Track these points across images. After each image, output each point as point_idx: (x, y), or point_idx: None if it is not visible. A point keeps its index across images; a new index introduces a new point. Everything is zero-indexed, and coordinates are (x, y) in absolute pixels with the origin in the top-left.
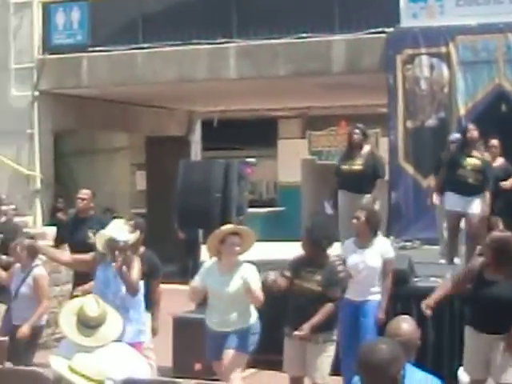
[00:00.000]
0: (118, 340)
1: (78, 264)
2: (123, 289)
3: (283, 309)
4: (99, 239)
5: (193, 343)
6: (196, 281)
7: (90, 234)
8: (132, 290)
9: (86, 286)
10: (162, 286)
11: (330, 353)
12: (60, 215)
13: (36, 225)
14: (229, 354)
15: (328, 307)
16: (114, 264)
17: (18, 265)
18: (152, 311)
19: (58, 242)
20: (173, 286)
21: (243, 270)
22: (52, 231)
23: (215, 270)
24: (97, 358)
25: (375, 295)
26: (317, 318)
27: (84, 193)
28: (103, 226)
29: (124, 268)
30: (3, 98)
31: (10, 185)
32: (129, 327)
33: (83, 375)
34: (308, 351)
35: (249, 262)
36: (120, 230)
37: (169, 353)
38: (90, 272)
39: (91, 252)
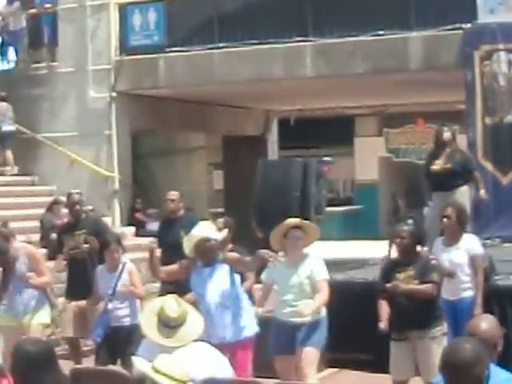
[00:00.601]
0: (204, 340)
1: (172, 276)
2: (221, 286)
3: (364, 307)
4: (188, 242)
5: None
6: (263, 276)
7: (182, 234)
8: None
9: (189, 296)
10: None
11: (441, 349)
12: (138, 215)
13: (115, 225)
14: (304, 350)
15: (427, 286)
16: (206, 268)
17: (100, 267)
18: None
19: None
20: None
21: (309, 261)
22: (131, 231)
23: (282, 263)
24: (179, 358)
25: (468, 291)
26: (415, 287)
27: (172, 194)
28: (194, 224)
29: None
30: (82, 99)
31: (89, 186)
32: (231, 325)
33: (167, 375)
34: (419, 351)
35: (328, 261)
36: (209, 230)
37: None
38: (185, 279)
39: (182, 251)
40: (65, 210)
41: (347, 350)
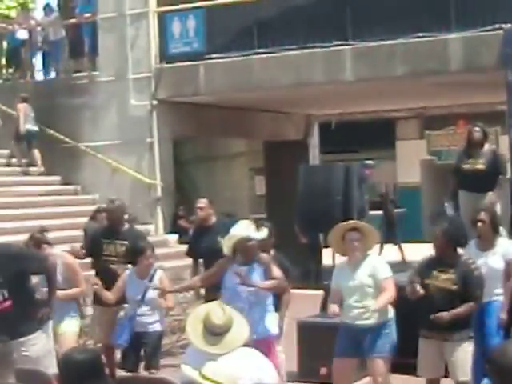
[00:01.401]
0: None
1: (211, 280)
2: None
3: (415, 311)
4: (228, 241)
5: (318, 347)
6: (332, 283)
7: (219, 239)
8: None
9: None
10: None
11: (469, 350)
12: (181, 222)
13: (158, 233)
14: (373, 361)
15: (470, 305)
16: (243, 267)
17: (130, 272)
18: (280, 312)
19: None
20: (295, 291)
21: (369, 260)
22: (174, 239)
23: (344, 267)
24: (227, 365)
25: (499, 296)
26: (458, 311)
27: (201, 202)
28: (229, 230)
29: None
30: (123, 107)
31: (131, 194)
32: (259, 323)
33: (216, 382)
34: (446, 351)
35: None
36: (249, 229)
37: (294, 357)
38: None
39: (221, 257)
40: None
41: (398, 354)
